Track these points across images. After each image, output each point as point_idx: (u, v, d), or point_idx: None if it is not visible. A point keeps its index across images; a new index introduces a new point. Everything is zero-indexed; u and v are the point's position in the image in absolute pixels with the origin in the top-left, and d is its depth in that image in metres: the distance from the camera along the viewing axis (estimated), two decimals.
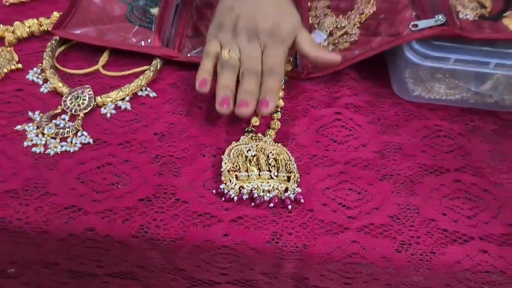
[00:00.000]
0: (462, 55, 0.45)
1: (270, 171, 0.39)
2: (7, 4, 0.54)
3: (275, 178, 0.39)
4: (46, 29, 0.51)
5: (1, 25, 0.51)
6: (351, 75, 0.50)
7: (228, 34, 0.45)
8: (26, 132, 0.41)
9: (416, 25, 0.46)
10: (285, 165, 0.40)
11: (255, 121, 0.44)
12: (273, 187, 0.39)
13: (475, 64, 0.46)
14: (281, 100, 0.46)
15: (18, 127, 0.42)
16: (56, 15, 0.52)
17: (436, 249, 0.37)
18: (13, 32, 0.50)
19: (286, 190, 0.39)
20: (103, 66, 0.48)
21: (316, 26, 0.55)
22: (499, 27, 0.47)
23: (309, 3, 0.58)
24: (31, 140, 0.41)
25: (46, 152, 0.40)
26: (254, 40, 0.44)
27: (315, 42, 0.47)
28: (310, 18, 0.56)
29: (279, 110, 0.46)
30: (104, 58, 0.49)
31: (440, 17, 0.46)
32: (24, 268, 0.40)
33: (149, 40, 0.49)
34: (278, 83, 0.43)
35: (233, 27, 0.44)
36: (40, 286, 0.41)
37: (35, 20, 0.51)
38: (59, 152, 0.40)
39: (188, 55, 0.50)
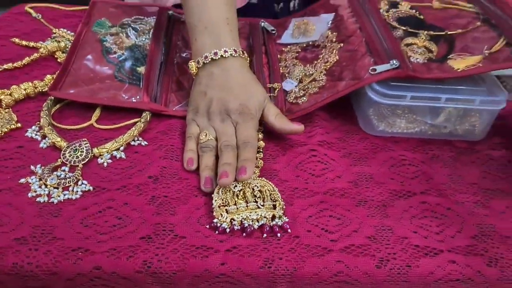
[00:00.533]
0: (416, 93, 0.52)
1: (256, 201, 0.44)
2: (1, 69, 0.58)
3: (262, 207, 0.43)
4: (40, 90, 0.55)
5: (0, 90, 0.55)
6: (322, 116, 0.56)
7: (204, 118, 0.51)
8: (30, 184, 0.45)
9: (374, 70, 0.52)
10: (270, 195, 0.45)
11: None
12: (261, 215, 0.43)
13: (428, 100, 0.52)
14: (262, 142, 0.51)
15: (22, 180, 0.45)
16: (49, 77, 0.56)
17: (411, 262, 0.41)
18: (10, 94, 0.54)
19: (273, 218, 0.43)
20: (96, 121, 0.52)
21: (287, 75, 0.61)
22: (446, 67, 0.54)
23: (278, 55, 0.65)
24: (35, 191, 0.44)
25: (50, 201, 0.43)
26: (226, 119, 0.50)
27: (280, 115, 0.52)
28: (280, 68, 0.62)
29: (261, 150, 0.51)
30: (96, 114, 0.53)
31: (394, 61, 0.52)
32: None
33: (138, 97, 0.54)
34: (253, 153, 0.48)
35: (207, 111, 0.50)
36: None
37: (30, 83, 0.55)
38: (62, 200, 0.44)
39: (174, 109, 0.55)
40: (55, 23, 0.68)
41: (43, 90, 0.55)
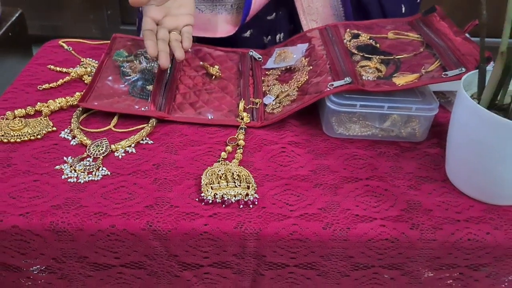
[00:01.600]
0: (365, 102, 0.66)
1: (235, 182, 0.57)
2: (41, 89, 0.74)
3: (238, 186, 0.57)
4: (71, 104, 0.70)
5: (39, 102, 0.70)
6: (293, 122, 0.70)
7: None
8: (63, 170, 0.59)
9: (332, 85, 0.67)
10: (245, 179, 0.58)
11: (224, 155, 0.62)
12: (237, 192, 0.56)
13: (375, 108, 0.66)
14: (242, 141, 0.65)
15: (57, 167, 0.59)
16: (78, 94, 0.72)
17: (350, 226, 0.54)
18: (47, 107, 0.69)
19: (247, 195, 0.56)
20: (114, 126, 0.67)
21: (267, 92, 0.75)
22: (390, 83, 0.68)
23: (262, 78, 0.80)
24: (67, 175, 0.58)
25: (78, 181, 0.58)
26: None
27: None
28: (263, 87, 0.77)
29: (241, 147, 0.64)
30: (114, 120, 0.68)
31: (347, 78, 0.67)
32: (61, 263, 0.55)
33: (146, 107, 0.69)
34: None
35: None
36: (71, 279, 0.56)
37: (63, 98, 0.71)
38: (87, 181, 0.58)
39: (174, 116, 0.70)
40: (82, 54, 0.84)
41: (73, 104, 0.70)
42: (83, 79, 0.77)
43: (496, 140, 0.54)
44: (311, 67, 0.75)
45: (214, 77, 0.78)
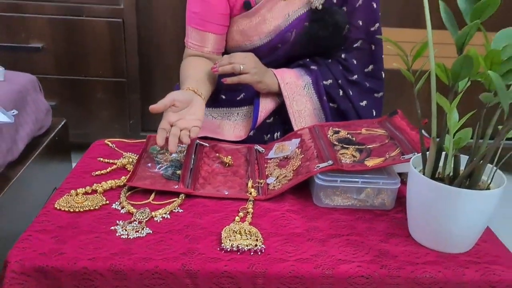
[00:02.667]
0: (344, 178, 0.87)
1: (247, 236, 0.76)
2: (94, 175, 0.96)
3: (250, 239, 0.76)
4: (118, 185, 0.91)
5: (95, 184, 0.91)
6: (290, 196, 0.90)
7: None
8: (116, 229, 0.78)
9: (318, 166, 0.88)
10: (255, 234, 0.77)
11: (238, 219, 0.82)
12: (249, 243, 0.75)
13: (351, 183, 0.87)
14: (251, 209, 0.85)
15: (112, 227, 0.79)
16: (123, 178, 0.93)
17: (335, 266, 0.72)
18: (101, 187, 0.90)
19: (256, 245, 0.75)
20: (152, 199, 0.87)
21: (269, 175, 0.97)
22: (362, 165, 0.90)
23: (265, 165, 1.02)
24: (120, 233, 0.77)
25: (128, 237, 0.76)
26: None
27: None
28: (266, 172, 0.98)
29: (250, 214, 0.84)
30: (152, 196, 0.88)
31: (330, 161, 0.88)
32: None
33: (177, 186, 0.90)
34: None
35: None
36: None
37: (111, 181, 0.92)
38: (135, 237, 0.76)
39: (199, 192, 0.90)
40: (123, 149, 1.07)
41: (120, 185, 0.91)
42: (126, 167, 0.99)
43: (440, 202, 0.74)
44: (302, 155, 0.97)
45: (227, 164, 1.00)
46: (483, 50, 0.69)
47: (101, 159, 1.02)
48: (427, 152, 0.79)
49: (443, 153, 0.78)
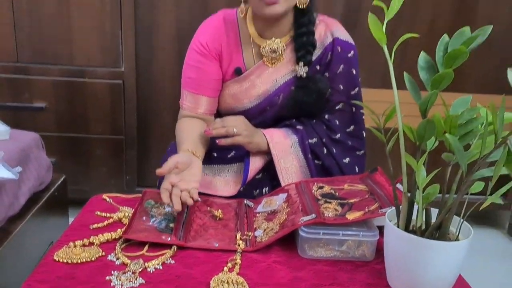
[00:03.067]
0: (326, 231, 0.93)
1: (234, 285, 0.81)
2: (92, 228, 1.01)
3: None
4: (114, 237, 0.97)
5: (92, 236, 0.96)
6: (276, 247, 0.96)
7: None
8: (111, 280, 0.83)
9: (302, 219, 0.95)
10: (242, 283, 0.82)
11: (226, 269, 0.87)
12: None
13: (333, 235, 0.93)
14: (239, 260, 0.90)
15: (107, 277, 0.83)
16: (119, 230, 0.98)
17: None
18: (98, 239, 0.95)
19: None
20: (146, 251, 0.93)
21: (257, 228, 1.03)
22: (343, 218, 0.96)
23: (254, 218, 1.08)
24: (115, 283, 0.82)
25: (122, 287, 0.81)
26: None
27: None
28: (254, 224, 1.04)
29: (238, 265, 0.89)
30: (146, 248, 0.94)
31: (313, 215, 0.95)
32: None
33: (169, 238, 0.95)
34: None
35: None
36: None
37: (108, 233, 0.97)
38: (129, 287, 0.81)
39: (190, 244, 0.95)
40: (120, 204, 1.13)
41: (116, 237, 0.97)
42: (122, 221, 1.05)
43: (413, 253, 0.80)
44: (288, 209, 1.04)
45: (218, 218, 1.07)
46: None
47: (99, 213, 1.08)
48: (401, 206, 0.85)
49: (416, 206, 0.85)
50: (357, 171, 1.27)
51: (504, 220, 2.31)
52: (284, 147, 1.23)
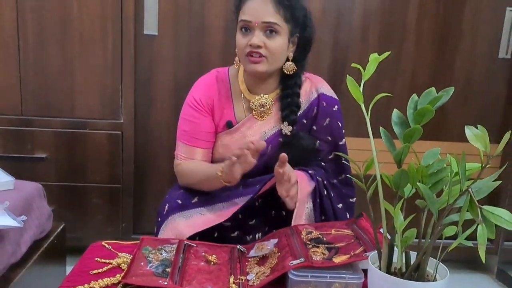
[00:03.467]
0: (314, 274, 0.99)
1: None
2: (92, 273, 1.06)
3: None
4: (114, 282, 1.02)
5: (92, 281, 1.01)
6: None
7: None
8: None
9: (292, 263, 1.01)
10: None
11: None
12: None
13: (321, 277, 0.99)
14: None
15: None
16: (118, 276, 1.04)
17: None
18: (98, 284, 1.01)
19: None
20: None
21: (250, 272, 1.08)
22: (330, 261, 1.02)
23: (246, 263, 1.13)
24: None
25: None
26: None
27: None
28: (247, 269, 1.10)
29: None
30: None
31: (302, 258, 1.01)
32: None
33: (166, 282, 1.01)
34: None
35: None
36: None
37: (107, 278, 1.03)
38: None
39: (186, 287, 1.01)
40: (119, 250, 1.19)
41: (115, 282, 1.02)
42: (121, 266, 1.10)
43: None
44: (279, 254, 1.10)
45: (212, 263, 1.12)
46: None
47: (98, 259, 1.13)
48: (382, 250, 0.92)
49: (396, 249, 0.92)
50: (348, 217, 1.34)
51: (493, 265, 2.35)
52: (307, 191, 1.29)
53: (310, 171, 1.34)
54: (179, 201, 1.25)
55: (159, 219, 1.33)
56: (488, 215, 0.70)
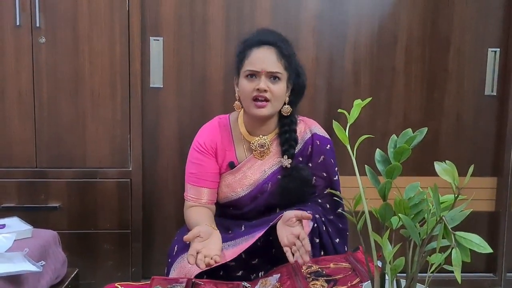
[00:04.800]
0: None
1: None
2: None
3: None
4: None
5: None
6: None
7: None
8: None
9: None
10: None
11: None
12: None
13: None
14: None
15: None
16: None
17: None
18: None
19: None
20: None
21: None
22: None
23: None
24: None
25: None
26: None
27: None
28: None
29: None
30: None
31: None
32: None
33: None
34: None
35: None
36: None
37: None
38: None
39: None
40: None
41: None
42: None
43: None
44: (282, 287, 1.17)
45: None
46: None
47: None
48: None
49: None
50: (346, 250, 1.42)
51: None
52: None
53: (309, 211, 1.43)
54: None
55: (169, 260, 1.41)
56: (461, 240, 0.79)
